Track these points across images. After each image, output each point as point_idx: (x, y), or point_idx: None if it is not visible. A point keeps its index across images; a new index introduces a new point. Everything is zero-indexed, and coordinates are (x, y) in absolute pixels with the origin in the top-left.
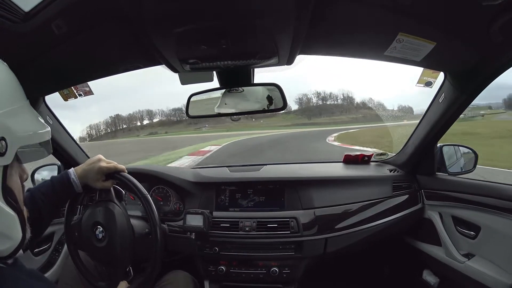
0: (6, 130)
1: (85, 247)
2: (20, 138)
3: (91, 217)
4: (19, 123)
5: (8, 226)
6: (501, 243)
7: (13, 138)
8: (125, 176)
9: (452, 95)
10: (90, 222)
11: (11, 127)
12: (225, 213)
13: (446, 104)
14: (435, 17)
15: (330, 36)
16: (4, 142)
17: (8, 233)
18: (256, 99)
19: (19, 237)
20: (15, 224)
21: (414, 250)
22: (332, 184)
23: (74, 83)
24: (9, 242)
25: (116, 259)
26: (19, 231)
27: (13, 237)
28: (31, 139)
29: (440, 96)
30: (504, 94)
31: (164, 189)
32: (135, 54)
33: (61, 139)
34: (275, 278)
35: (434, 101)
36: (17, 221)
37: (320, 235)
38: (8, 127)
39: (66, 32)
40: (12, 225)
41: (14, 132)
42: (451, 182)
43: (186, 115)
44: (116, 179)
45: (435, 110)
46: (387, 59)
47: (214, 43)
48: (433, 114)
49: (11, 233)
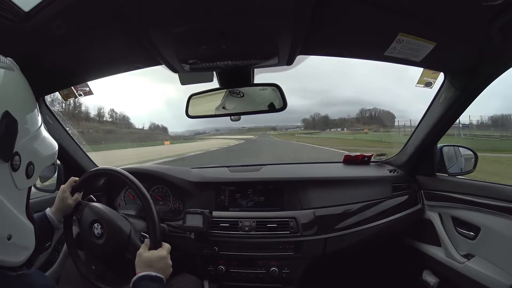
0: (34, 154)
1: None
2: (44, 160)
3: (87, 216)
4: (42, 145)
5: (28, 239)
6: (501, 243)
7: (39, 160)
8: (122, 173)
9: (452, 95)
10: (88, 220)
11: (38, 151)
12: (225, 213)
13: (446, 104)
14: (435, 17)
15: (330, 37)
16: (32, 166)
17: (27, 245)
18: (256, 99)
19: (33, 246)
20: (32, 236)
21: (413, 250)
22: (331, 184)
23: (74, 83)
24: (26, 253)
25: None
26: (33, 241)
27: (30, 247)
28: (52, 159)
29: (440, 97)
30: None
31: (164, 188)
32: (135, 54)
33: (61, 139)
34: (275, 278)
35: (434, 102)
36: (33, 232)
37: (319, 235)
38: (36, 151)
39: (66, 32)
40: (31, 237)
41: (40, 155)
42: (451, 183)
43: (186, 115)
44: (114, 178)
45: (435, 110)
46: (387, 60)
47: (214, 43)
48: (433, 115)
49: (29, 244)
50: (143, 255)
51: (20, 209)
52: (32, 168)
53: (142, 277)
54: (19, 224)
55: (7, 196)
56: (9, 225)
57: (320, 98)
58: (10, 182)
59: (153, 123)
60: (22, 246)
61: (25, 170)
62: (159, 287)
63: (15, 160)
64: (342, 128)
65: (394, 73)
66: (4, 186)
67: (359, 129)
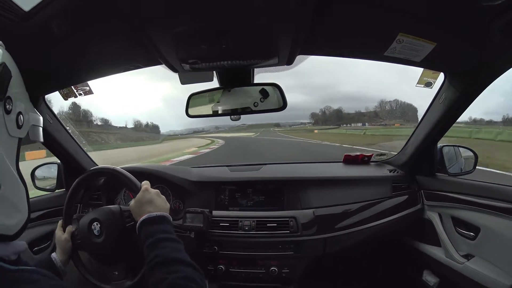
0: (23, 107)
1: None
2: (33, 118)
3: (86, 217)
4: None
5: (19, 197)
6: (501, 244)
7: (27, 115)
8: (119, 171)
9: (452, 95)
10: (87, 221)
11: (26, 106)
12: (225, 212)
13: (446, 104)
14: (435, 18)
15: (330, 37)
16: (22, 116)
17: (19, 205)
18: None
19: (26, 211)
20: (24, 197)
21: (413, 250)
22: (331, 184)
23: (74, 82)
24: (18, 215)
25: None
26: (26, 205)
27: (22, 210)
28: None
29: (440, 97)
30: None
31: (164, 188)
32: (135, 53)
33: (61, 138)
34: (274, 278)
35: (434, 102)
36: (25, 194)
37: (319, 235)
38: (25, 106)
39: (66, 32)
40: (22, 197)
41: (28, 110)
42: (451, 183)
43: (186, 115)
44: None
45: (435, 110)
46: (387, 60)
47: (214, 43)
48: (433, 115)
49: (21, 206)
50: (131, 205)
51: (11, 160)
52: (22, 119)
53: (142, 222)
54: (10, 175)
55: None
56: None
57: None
58: (2, 125)
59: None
60: (14, 203)
61: (15, 117)
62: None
63: (8, 103)
64: (363, 123)
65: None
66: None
67: (384, 125)
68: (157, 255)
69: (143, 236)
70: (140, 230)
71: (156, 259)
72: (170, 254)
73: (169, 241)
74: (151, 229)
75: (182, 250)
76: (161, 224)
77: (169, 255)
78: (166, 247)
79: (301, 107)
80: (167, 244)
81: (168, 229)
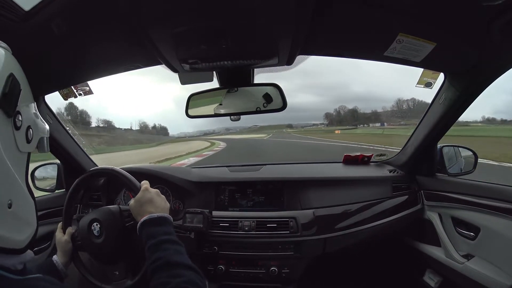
0: (32, 121)
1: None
2: (40, 130)
3: (86, 217)
4: (37, 116)
5: (30, 212)
6: (501, 244)
7: (36, 128)
8: (119, 171)
9: (452, 96)
10: (86, 222)
11: (35, 119)
12: (225, 212)
13: (446, 105)
14: (435, 18)
15: (330, 37)
16: (31, 130)
17: (29, 219)
18: (255, 100)
19: (35, 224)
20: (34, 211)
21: (413, 250)
22: (331, 184)
23: (74, 82)
24: (28, 230)
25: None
26: (35, 218)
27: (32, 224)
28: (45, 132)
29: (440, 97)
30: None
31: (164, 188)
32: (135, 53)
33: (61, 138)
34: (274, 278)
35: (434, 102)
36: (34, 207)
37: (319, 235)
38: (33, 119)
39: (66, 32)
40: (32, 211)
41: (37, 123)
42: (450, 183)
43: (186, 115)
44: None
45: (435, 111)
46: (387, 60)
47: (214, 43)
48: (433, 115)
49: (31, 220)
50: (131, 204)
51: (21, 176)
52: (31, 133)
53: (143, 223)
54: (20, 192)
55: (9, 157)
56: (10, 189)
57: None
58: (12, 141)
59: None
60: (24, 218)
61: (25, 132)
62: (161, 230)
63: (17, 118)
64: (382, 123)
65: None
66: (7, 145)
67: (404, 124)
68: (159, 257)
69: (144, 237)
70: (141, 230)
71: (158, 262)
72: (172, 257)
73: (171, 243)
74: (153, 230)
75: (183, 252)
76: (162, 226)
77: (171, 258)
78: (168, 249)
79: (312, 108)
80: (169, 246)
81: (170, 230)
